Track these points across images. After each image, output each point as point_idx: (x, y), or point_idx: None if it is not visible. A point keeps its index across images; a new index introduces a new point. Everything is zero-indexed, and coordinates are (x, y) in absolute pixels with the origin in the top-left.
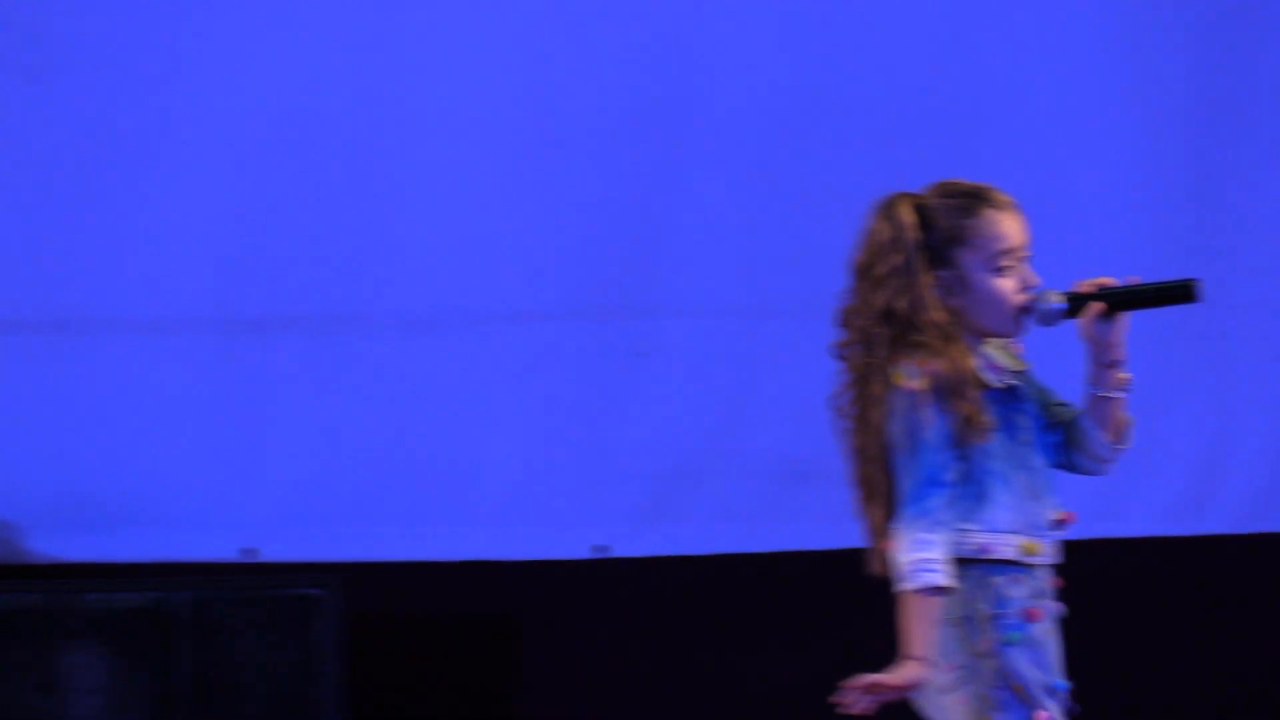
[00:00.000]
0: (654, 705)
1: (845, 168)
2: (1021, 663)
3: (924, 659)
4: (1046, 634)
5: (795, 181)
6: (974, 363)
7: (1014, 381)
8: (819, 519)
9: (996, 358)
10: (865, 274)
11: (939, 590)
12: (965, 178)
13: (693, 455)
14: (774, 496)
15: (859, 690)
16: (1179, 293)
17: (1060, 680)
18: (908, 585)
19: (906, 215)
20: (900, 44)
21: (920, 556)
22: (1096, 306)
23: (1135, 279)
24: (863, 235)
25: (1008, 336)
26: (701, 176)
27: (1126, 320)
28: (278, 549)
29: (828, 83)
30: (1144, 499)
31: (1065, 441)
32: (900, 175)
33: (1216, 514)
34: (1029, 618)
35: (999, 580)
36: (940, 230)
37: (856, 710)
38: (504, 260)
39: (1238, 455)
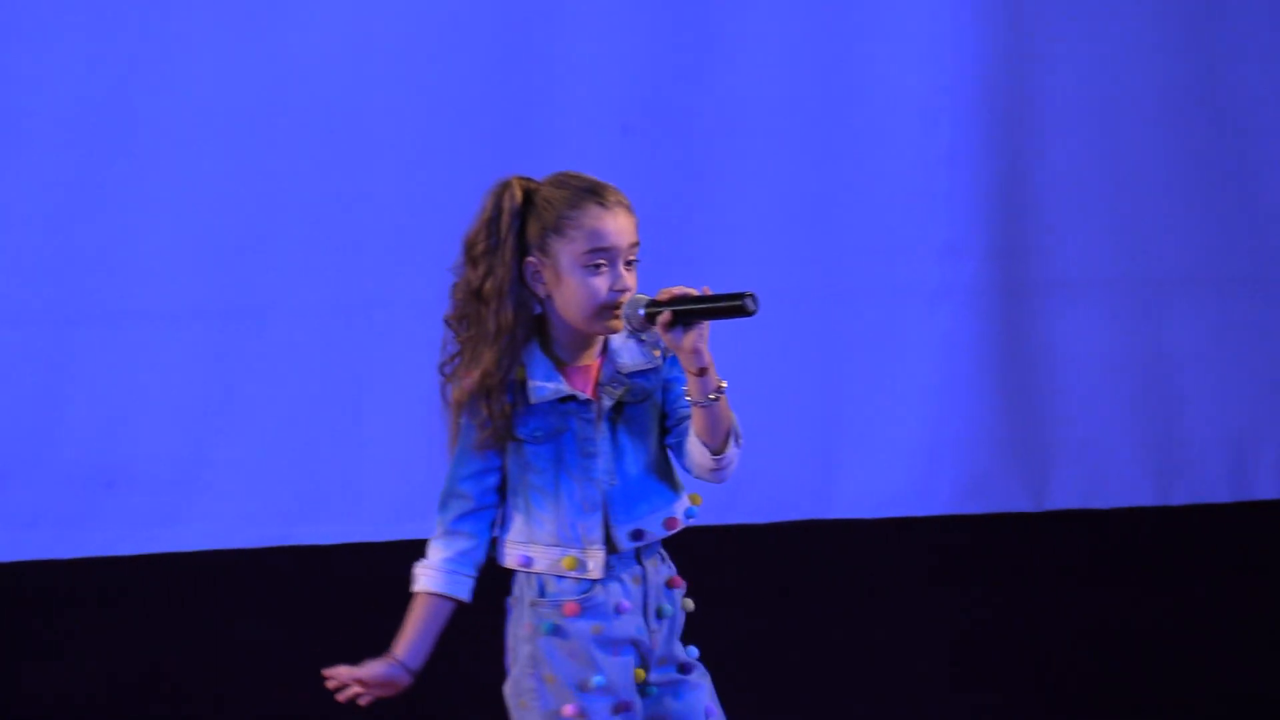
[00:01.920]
0: None
1: (142, 179)
2: (555, 654)
3: (394, 657)
4: (593, 633)
5: (99, 189)
6: (515, 372)
7: (610, 384)
8: (126, 525)
9: (621, 354)
10: (469, 251)
11: (440, 597)
12: (587, 173)
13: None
14: (81, 503)
15: (337, 679)
16: (733, 306)
17: (600, 678)
18: (412, 586)
19: (512, 198)
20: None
21: (424, 562)
22: (663, 316)
23: (707, 288)
24: (476, 213)
25: (591, 333)
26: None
27: (704, 329)
28: None
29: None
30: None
31: (680, 445)
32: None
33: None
34: (565, 612)
35: (545, 572)
36: (542, 217)
37: (343, 698)
38: None
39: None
